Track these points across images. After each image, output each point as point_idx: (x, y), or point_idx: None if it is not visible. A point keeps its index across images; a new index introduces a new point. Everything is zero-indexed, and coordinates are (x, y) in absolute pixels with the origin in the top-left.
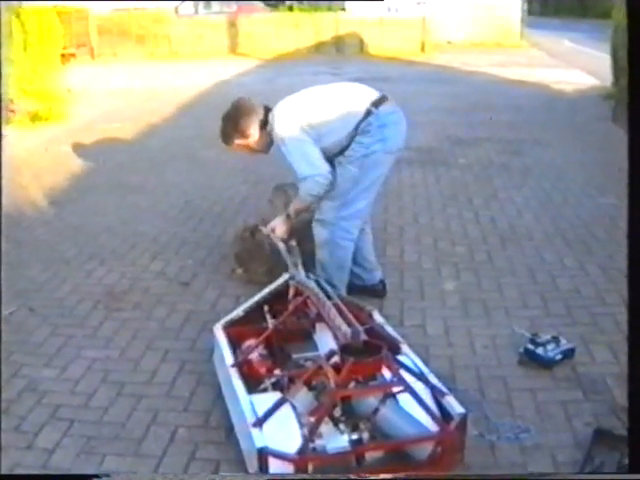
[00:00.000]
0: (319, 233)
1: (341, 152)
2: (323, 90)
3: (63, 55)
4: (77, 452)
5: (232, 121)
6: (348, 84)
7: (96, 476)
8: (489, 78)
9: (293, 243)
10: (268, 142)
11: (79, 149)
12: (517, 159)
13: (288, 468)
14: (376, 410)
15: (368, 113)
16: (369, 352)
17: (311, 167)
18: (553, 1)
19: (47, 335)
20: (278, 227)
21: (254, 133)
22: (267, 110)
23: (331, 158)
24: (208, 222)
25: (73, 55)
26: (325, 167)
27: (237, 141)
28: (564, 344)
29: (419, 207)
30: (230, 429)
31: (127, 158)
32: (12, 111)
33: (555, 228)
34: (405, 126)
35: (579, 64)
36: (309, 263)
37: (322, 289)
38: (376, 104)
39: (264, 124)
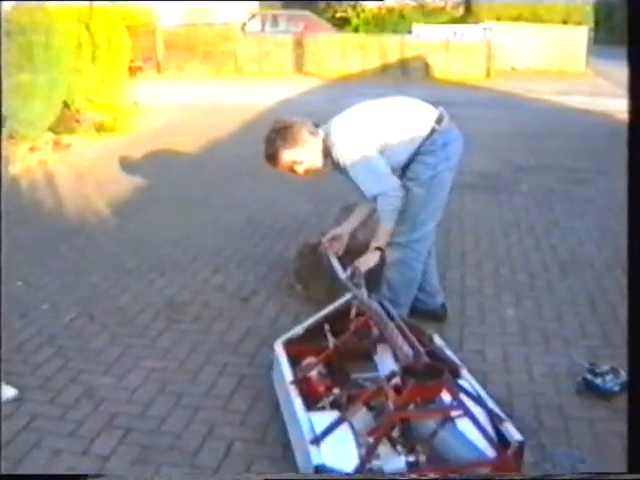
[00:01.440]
0: (390, 255)
1: (402, 172)
2: (383, 106)
3: (130, 68)
4: (132, 460)
5: (277, 144)
6: (406, 100)
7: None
8: (553, 106)
9: (357, 262)
10: (320, 161)
11: (143, 161)
12: (580, 188)
13: None
14: (434, 433)
15: (432, 131)
16: (430, 375)
17: (382, 184)
18: (620, 30)
19: (106, 343)
20: (371, 262)
21: (303, 155)
22: (313, 126)
23: None
24: (270, 238)
25: (140, 68)
26: (396, 181)
27: (286, 164)
28: (623, 375)
29: (481, 233)
30: (287, 446)
31: (190, 172)
32: (78, 121)
33: (616, 258)
34: (462, 142)
35: None
36: (371, 285)
37: (384, 309)
38: (438, 121)
39: (313, 143)
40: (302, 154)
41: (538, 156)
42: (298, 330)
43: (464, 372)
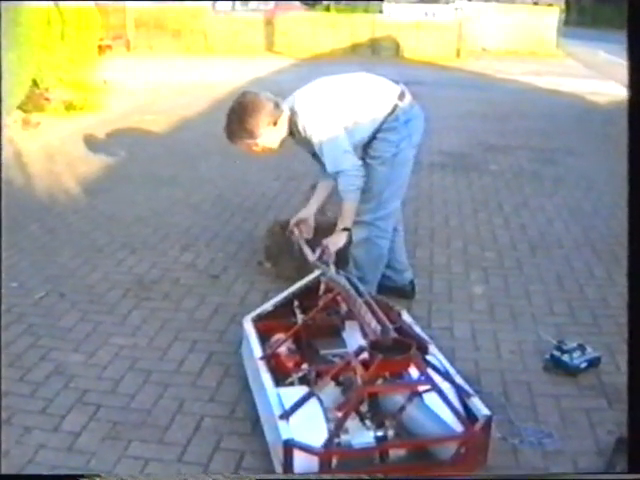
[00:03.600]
0: (356, 233)
1: (364, 149)
2: (345, 82)
3: (99, 46)
4: (102, 437)
5: (238, 120)
6: (368, 76)
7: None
8: (523, 86)
9: (325, 242)
10: (279, 139)
11: (112, 139)
12: (549, 168)
13: (313, 461)
14: (402, 408)
15: (395, 108)
16: (398, 350)
17: (344, 161)
18: (590, 11)
19: (76, 321)
20: (340, 242)
21: (263, 133)
22: (277, 105)
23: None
24: (239, 216)
25: (109, 47)
26: (357, 161)
27: (246, 141)
28: (590, 352)
29: (450, 211)
30: (256, 421)
31: (160, 150)
32: (47, 99)
33: (585, 237)
34: (423, 119)
35: (615, 76)
36: (338, 262)
37: (353, 286)
38: (400, 98)
39: (274, 121)
40: (261, 133)
41: (508, 136)
42: (267, 306)
43: (432, 348)
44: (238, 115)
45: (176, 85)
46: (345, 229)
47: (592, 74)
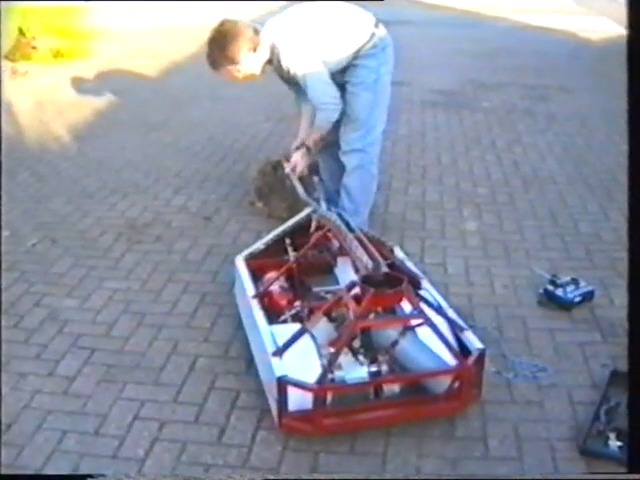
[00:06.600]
0: (350, 161)
1: (343, 77)
2: (321, 9)
3: None
4: (98, 380)
5: (218, 47)
6: (343, 4)
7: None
8: (514, 24)
9: (315, 179)
10: (260, 65)
11: (102, 86)
12: (541, 104)
13: (307, 398)
14: (395, 342)
15: (372, 35)
16: (390, 284)
17: (326, 94)
18: None
19: (69, 266)
20: (300, 163)
21: (243, 58)
22: (256, 31)
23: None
24: (231, 158)
25: None
26: (337, 92)
27: (227, 67)
28: (583, 286)
29: (442, 148)
30: (250, 360)
31: (150, 95)
32: (34, 47)
33: (578, 173)
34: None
35: (607, 12)
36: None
37: (344, 222)
38: (377, 25)
39: (254, 47)
40: (241, 58)
41: (499, 73)
42: (259, 245)
43: (425, 283)
44: (218, 43)
45: (166, 29)
46: (307, 148)
47: (584, 10)
